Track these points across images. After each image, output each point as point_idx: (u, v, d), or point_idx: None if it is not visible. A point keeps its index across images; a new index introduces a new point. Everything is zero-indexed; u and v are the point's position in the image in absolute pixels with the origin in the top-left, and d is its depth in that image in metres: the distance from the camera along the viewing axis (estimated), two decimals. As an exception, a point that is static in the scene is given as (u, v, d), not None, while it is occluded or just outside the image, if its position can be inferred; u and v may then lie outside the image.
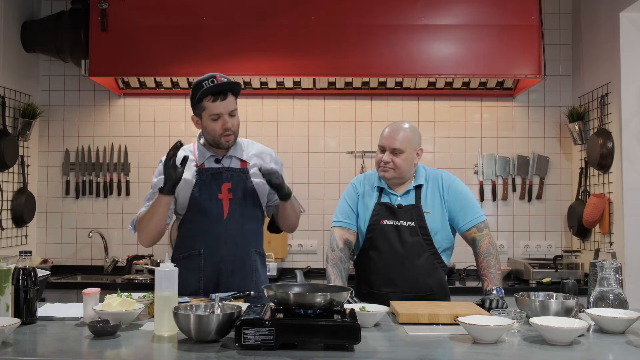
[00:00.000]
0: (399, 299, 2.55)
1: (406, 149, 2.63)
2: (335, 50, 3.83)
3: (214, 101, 2.50)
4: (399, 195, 2.70)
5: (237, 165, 2.64)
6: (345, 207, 2.76)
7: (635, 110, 3.62)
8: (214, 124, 2.52)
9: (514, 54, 3.83)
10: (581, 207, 4.00)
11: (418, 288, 2.62)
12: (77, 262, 4.35)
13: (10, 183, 4.05)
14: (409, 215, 2.66)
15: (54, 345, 1.90)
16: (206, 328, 1.81)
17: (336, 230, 2.74)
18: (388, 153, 2.64)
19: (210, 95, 2.50)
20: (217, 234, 2.57)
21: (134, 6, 3.87)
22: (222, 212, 2.58)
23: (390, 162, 2.63)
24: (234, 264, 2.58)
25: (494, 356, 1.74)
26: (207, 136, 2.59)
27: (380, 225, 2.67)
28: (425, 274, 2.64)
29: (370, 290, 2.69)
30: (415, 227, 2.64)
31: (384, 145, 2.66)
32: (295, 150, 4.36)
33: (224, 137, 2.54)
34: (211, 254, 2.58)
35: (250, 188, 2.63)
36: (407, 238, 2.63)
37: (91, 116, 4.41)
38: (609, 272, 2.25)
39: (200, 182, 2.59)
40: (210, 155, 2.63)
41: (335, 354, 1.74)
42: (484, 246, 2.62)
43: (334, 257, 2.67)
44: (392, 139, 2.64)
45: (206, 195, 2.58)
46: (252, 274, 2.62)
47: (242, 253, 2.60)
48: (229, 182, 2.60)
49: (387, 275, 2.65)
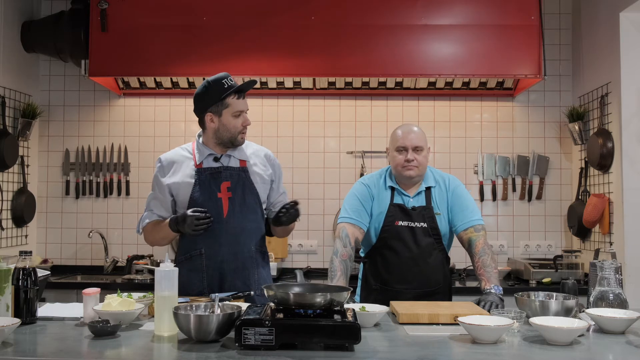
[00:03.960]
0: (411, 295, 2.65)
1: (424, 146, 2.74)
2: (335, 50, 3.83)
3: (239, 98, 2.61)
4: (411, 197, 2.76)
5: (236, 164, 2.66)
6: (358, 206, 2.77)
7: (635, 110, 3.62)
8: (235, 121, 2.61)
9: (514, 54, 3.83)
10: (581, 207, 4.00)
11: (428, 284, 2.73)
12: (77, 262, 4.35)
13: (10, 183, 4.04)
14: (421, 216, 2.73)
15: (54, 345, 1.90)
16: (206, 328, 1.82)
17: (348, 227, 2.73)
18: (411, 152, 2.70)
19: (234, 93, 2.60)
20: (217, 233, 2.58)
21: (134, 6, 3.87)
22: (221, 211, 2.58)
23: (414, 160, 2.70)
24: (235, 263, 2.59)
25: (494, 356, 1.74)
26: (225, 133, 2.62)
27: (395, 226, 2.72)
28: (435, 271, 2.74)
29: (383, 286, 2.74)
30: (427, 229, 2.72)
31: (405, 146, 2.72)
32: (295, 150, 4.36)
33: (242, 134, 2.64)
34: (212, 254, 2.59)
35: (250, 186, 2.64)
36: (420, 239, 2.71)
37: (91, 116, 4.40)
38: (609, 272, 2.26)
39: (199, 181, 2.60)
40: (209, 154, 2.64)
41: (335, 354, 1.74)
42: (479, 245, 2.66)
43: (345, 253, 2.68)
44: (411, 138, 2.73)
45: (205, 194, 2.59)
46: (254, 272, 2.63)
47: (243, 252, 2.61)
48: (228, 181, 2.61)
49: (402, 274, 2.72)
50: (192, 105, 2.70)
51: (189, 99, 4.33)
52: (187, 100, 4.32)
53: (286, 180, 4.23)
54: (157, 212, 2.68)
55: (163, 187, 2.65)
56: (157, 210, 2.68)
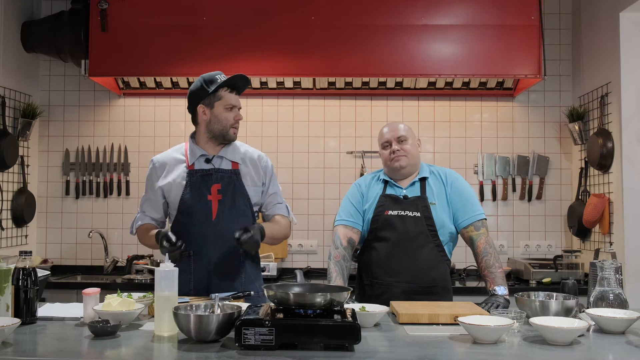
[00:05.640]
0: (402, 289, 2.59)
1: (409, 137, 2.76)
2: (335, 50, 3.83)
3: (232, 92, 2.63)
4: (404, 188, 2.74)
5: (227, 167, 2.65)
6: (349, 207, 2.78)
7: (635, 110, 3.62)
8: (227, 114, 2.61)
9: (514, 54, 3.83)
10: (581, 207, 4.00)
11: (421, 279, 2.64)
12: (77, 262, 4.35)
13: (10, 183, 4.04)
14: (414, 205, 2.69)
15: (54, 345, 1.90)
16: (206, 328, 1.82)
17: (340, 228, 2.75)
18: (395, 143, 2.73)
19: (227, 87, 2.62)
20: (206, 235, 2.57)
21: (134, 6, 3.87)
22: (210, 213, 2.58)
23: (400, 149, 2.72)
24: (222, 265, 2.58)
25: (494, 356, 1.74)
26: (216, 126, 2.62)
27: (385, 216, 2.69)
28: (429, 266, 2.65)
29: (372, 280, 2.69)
30: (420, 218, 2.66)
31: (389, 139, 2.76)
32: (295, 150, 4.36)
33: (233, 129, 2.63)
34: (200, 256, 2.58)
35: (241, 189, 2.63)
36: (411, 228, 2.65)
37: (91, 116, 4.40)
38: (609, 272, 2.25)
39: (190, 183, 2.60)
40: (201, 155, 2.64)
41: (335, 354, 1.74)
42: (481, 245, 2.64)
43: (337, 254, 2.68)
44: (393, 130, 2.77)
45: (196, 197, 2.59)
46: (241, 274, 2.61)
47: (231, 254, 2.59)
48: (218, 184, 2.60)
49: (391, 265, 2.66)
50: (191, 106, 2.70)
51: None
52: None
53: (286, 180, 4.26)
54: (149, 213, 2.70)
55: (155, 189, 2.67)
56: (149, 212, 2.70)
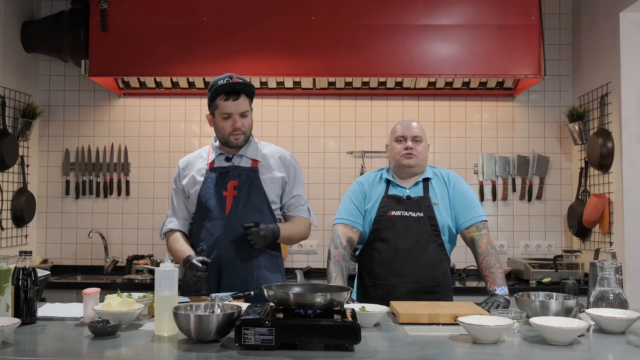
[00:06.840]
0: (406, 289, 2.59)
1: (423, 138, 2.76)
2: (335, 51, 3.83)
3: (226, 100, 2.57)
4: (408, 188, 2.73)
5: (247, 164, 2.66)
6: (350, 205, 2.76)
7: (635, 110, 3.62)
8: (224, 123, 2.60)
9: (514, 54, 3.83)
10: (581, 207, 4.00)
11: (425, 279, 2.63)
12: (77, 262, 4.35)
13: (10, 183, 4.04)
14: (417, 206, 2.68)
15: (54, 345, 1.90)
16: (206, 328, 1.81)
17: (339, 227, 2.73)
18: (410, 141, 2.72)
19: (223, 94, 2.57)
20: (219, 231, 2.58)
21: (134, 6, 3.87)
22: (224, 208, 2.59)
23: (413, 148, 2.71)
24: (234, 262, 2.58)
25: (494, 356, 1.74)
26: (218, 134, 2.65)
27: (388, 217, 2.67)
28: (432, 266, 2.65)
29: (375, 281, 2.67)
30: (423, 218, 2.65)
31: (404, 135, 2.74)
32: (295, 150, 4.35)
33: (233, 136, 2.61)
34: (213, 251, 2.59)
35: (257, 186, 2.63)
36: (414, 228, 2.64)
37: (91, 116, 4.40)
38: (609, 272, 2.25)
39: (208, 180, 2.63)
40: (221, 154, 2.67)
41: (335, 354, 1.74)
42: (482, 246, 2.64)
43: (337, 254, 2.67)
44: (411, 128, 2.75)
45: (211, 192, 2.62)
46: (253, 272, 2.60)
47: (244, 250, 2.58)
48: (235, 180, 2.62)
49: (394, 266, 2.64)
50: (191, 106, 2.71)
51: (189, 99, 4.39)
52: (187, 100, 4.33)
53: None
54: (175, 215, 2.74)
55: (179, 190, 2.72)
56: (175, 214, 2.74)
